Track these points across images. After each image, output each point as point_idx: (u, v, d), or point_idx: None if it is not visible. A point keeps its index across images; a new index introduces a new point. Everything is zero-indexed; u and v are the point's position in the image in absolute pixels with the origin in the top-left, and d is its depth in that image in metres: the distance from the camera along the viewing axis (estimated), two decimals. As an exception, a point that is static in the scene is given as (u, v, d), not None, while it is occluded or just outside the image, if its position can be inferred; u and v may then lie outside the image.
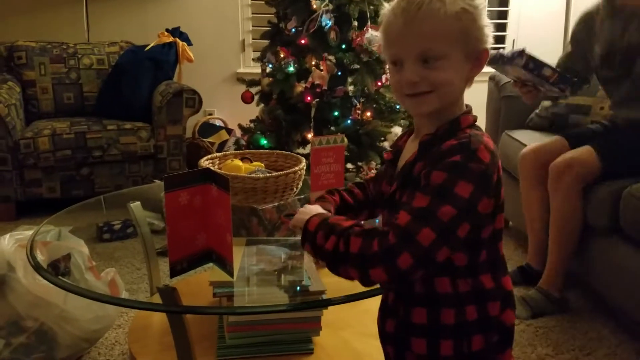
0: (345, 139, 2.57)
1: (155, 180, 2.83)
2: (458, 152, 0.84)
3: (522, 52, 1.93)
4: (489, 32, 0.92)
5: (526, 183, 2.17)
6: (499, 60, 2.00)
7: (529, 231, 2.20)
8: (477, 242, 0.89)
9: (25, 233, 1.67)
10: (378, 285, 0.89)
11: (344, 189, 1.14)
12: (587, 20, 2.13)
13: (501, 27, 3.86)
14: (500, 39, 3.87)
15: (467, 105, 0.95)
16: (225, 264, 1.14)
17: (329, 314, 1.44)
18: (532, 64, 1.94)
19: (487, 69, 3.81)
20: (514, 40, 3.83)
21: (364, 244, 0.84)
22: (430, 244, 0.81)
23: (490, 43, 0.93)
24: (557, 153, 2.02)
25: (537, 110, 2.61)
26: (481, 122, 2.94)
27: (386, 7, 0.93)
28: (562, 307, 2.01)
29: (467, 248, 0.88)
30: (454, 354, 0.90)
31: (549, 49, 3.64)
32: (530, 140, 2.35)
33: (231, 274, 1.14)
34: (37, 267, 1.26)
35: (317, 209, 1.00)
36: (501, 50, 2.02)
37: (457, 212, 0.82)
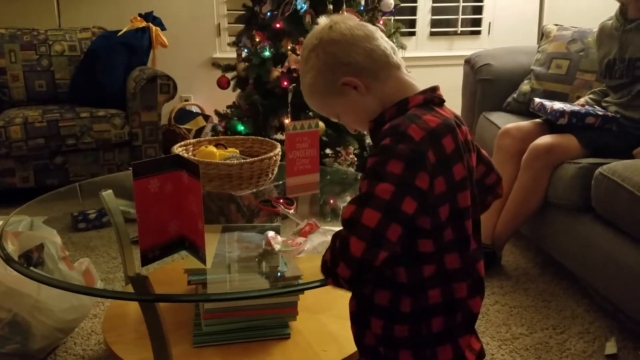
0: (322, 124, 2.57)
1: (130, 168, 2.80)
2: (389, 135, 0.88)
3: (563, 112, 2.04)
4: (332, 60, 0.97)
5: (500, 157, 2.19)
6: (541, 113, 2.16)
7: None
8: (438, 224, 0.89)
9: (-3, 224, 1.64)
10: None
11: None
12: (600, 32, 2.23)
13: (477, 10, 3.87)
14: (476, 22, 3.88)
15: (432, 89, 0.97)
16: (198, 251, 1.13)
17: (306, 299, 1.45)
18: (575, 119, 2.04)
19: (458, 52, 3.75)
20: (490, 23, 3.84)
21: (331, 246, 0.87)
22: (376, 224, 0.82)
23: (345, 61, 0.97)
24: (537, 135, 2.07)
25: (515, 95, 2.63)
26: (457, 105, 2.99)
27: None
28: (494, 261, 2.18)
29: (429, 231, 0.89)
30: (409, 336, 0.91)
31: (525, 32, 3.67)
32: (508, 123, 2.36)
33: (204, 261, 1.13)
34: (7, 259, 1.24)
35: None
36: (544, 102, 2.15)
37: (395, 188, 0.83)
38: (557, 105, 2.11)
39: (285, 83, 2.63)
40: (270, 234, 1.31)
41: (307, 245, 1.23)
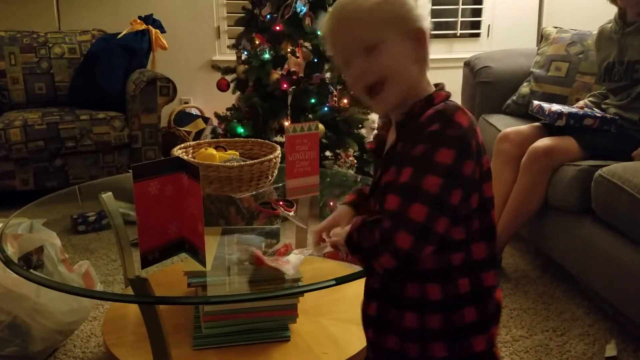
0: (321, 126, 2.57)
1: (130, 171, 2.80)
2: (436, 120, 0.85)
3: (561, 114, 2.04)
4: (420, 12, 0.92)
5: (499, 162, 2.19)
6: (539, 115, 2.15)
7: None
8: (469, 212, 0.88)
9: (-4, 226, 1.64)
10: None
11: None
12: (599, 35, 2.23)
13: (477, 13, 3.87)
14: (476, 25, 3.88)
15: (438, 85, 0.95)
16: (198, 254, 1.13)
17: (306, 301, 1.45)
18: (573, 120, 2.04)
19: (457, 55, 3.77)
20: (489, 25, 3.85)
21: (369, 236, 0.86)
22: (425, 218, 0.81)
23: (424, 21, 0.93)
24: (536, 139, 2.07)
25: (514, 97, 2.64)
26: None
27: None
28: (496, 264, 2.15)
29: (462, 218, 0.88)
30: (443, 327, 0.90)
31: (524, 34, 3.68)
32: (507, 125, 2.37)
33: (204, 264, 1.13)
34: (6, 261, 1.24)
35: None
36: (543, 104, 2.15)
37: (444, 180, 0.82)
38: (555, 107, 2.11)
39: (285, 85, 2.63)
40: (258, 252, 1.29)
41: (289, 265, 1.22)
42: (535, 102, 2.22)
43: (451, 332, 0.91)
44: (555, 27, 2.71)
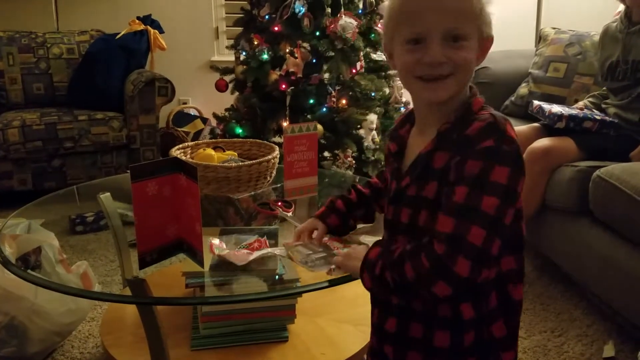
0: (320, 127, 2.57)
1: (128, 171, 2.80)
2: (489, 135, 0.79)
3: (561, 116, 2.03)
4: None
5: None
6: (539, 115, 2.14)
7: None
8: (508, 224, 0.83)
9: (-6, 226, 1.64)
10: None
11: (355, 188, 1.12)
12: (603, 34, 2.21)
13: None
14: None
15: (471, 87, 0.89)
16: (196, 254, 1.13)
17: (304, 302, 1.45)
18: (573, 123, 2.03)
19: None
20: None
21: (415, 264, 0.79)
22: (483, 242, 0.77)
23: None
24: (534, 139, 2.07)
25: (512, 98, 2.64)
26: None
27: None
28: None
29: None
30: (474, 344, 0.86)
31: (523, 35, 3.68)
32: (504, 126, 2.37)
33: (201, 264, 1.13)
34: (4, 262, 1.24)
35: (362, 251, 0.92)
36: (543, 105, 2.14)
37: (500, 201, 0.78)
38: (556, 108, 2.11)
39: (284, 86, 2.63)
40: (215, 241, 1.26)
41: (251, 257, 1.20)
42: (536, 103, 2.22)
43: (481, 348, 0.87)
44: (554, 28, 2.72)
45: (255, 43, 2.73)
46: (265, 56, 2.68)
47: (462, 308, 0.85)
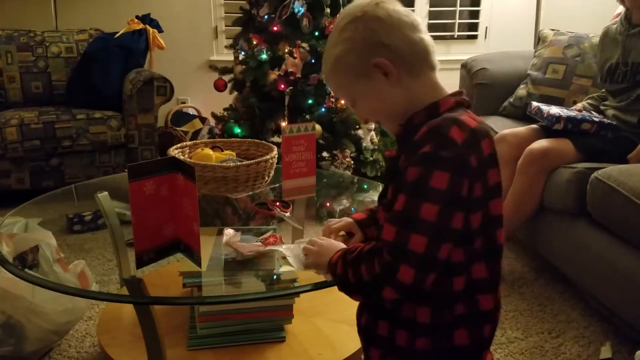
0: (318, 127, 2.57)
1: (126, 170, 2.79)
2: (428, 140, 0.80)
3: (559, 118, 2.03)
4: (371, 37, 0.89)
5: None
6: (538, 117, 2.15)
7: None
8: (469, 231, 0.83)
9: (-9, 225, 1.63)
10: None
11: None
12: (603, 35, 2.21)
13: (474, 15, 3.88)
14: (473, 27, 3.88)
15: (459, 92, 0.92)
16: (193, 254, 1.13)
17: (301, 302, 1.45)
18: (571, 124, 2.04)
19: (454, 56, 3.76)
20: (486, 27, 3.85)
21: (369, 266, 0.82)
22: (425, 249, 0.77)
23: (385, 38, 0.89)
24: (532, 140, 2.07)
25: (511, 99, 2.64)
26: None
27: None
28: None
29: (460, 239, 0.83)
30: (432, 349, 0.87)
31: (522, 36, 3.68)
32: (504, 127, 2.37)
33: (199, 264, 1.12)
34: (1, 261, 1.24)
35: (336, 245, 0.96)
36: (541, 106, 2.14)
37: (441, 207, 0.77)
38: (554, 110, 2.11)
39: (282, 86, 2.63)
40: (229, 230, 1.31)
41: (260, 249, 1.24)
42: (534, 104, 2.22)
43: (439, 355, 0.87)
44: (553, 30, 2.72)
45: (254, 43, 2.73)
46: (264, 56, 2.68)
47: (418, 312, 0.86)
